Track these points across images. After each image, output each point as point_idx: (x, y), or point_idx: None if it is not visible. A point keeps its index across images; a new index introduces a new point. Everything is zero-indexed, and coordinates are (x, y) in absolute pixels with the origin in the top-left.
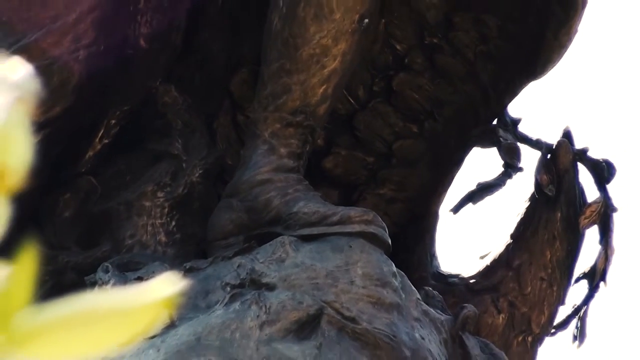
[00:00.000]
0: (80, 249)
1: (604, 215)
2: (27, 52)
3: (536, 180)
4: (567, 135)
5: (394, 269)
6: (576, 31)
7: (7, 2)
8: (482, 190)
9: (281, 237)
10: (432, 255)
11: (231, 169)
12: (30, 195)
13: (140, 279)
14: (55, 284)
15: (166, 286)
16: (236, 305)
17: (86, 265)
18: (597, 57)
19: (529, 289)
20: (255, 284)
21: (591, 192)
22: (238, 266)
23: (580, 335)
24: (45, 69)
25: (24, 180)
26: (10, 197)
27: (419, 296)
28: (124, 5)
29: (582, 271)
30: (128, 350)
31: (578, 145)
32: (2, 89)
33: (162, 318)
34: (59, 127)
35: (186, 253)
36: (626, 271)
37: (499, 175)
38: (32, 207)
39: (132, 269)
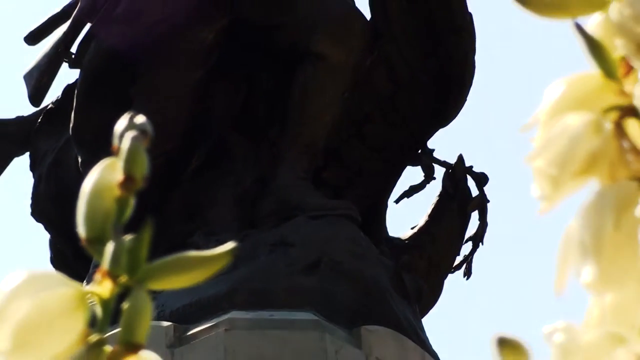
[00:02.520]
0: (182, 224)
1: (481, 204)
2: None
3: (443, 184)
4: (460, 158)
5: (362, 235)
6: (466, 99)
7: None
8: (412, 190)
9: (298, 217)
10: (384, 227)
11: (269, 179)
12: (151, 193)
13: (217, 241)
14: (169, 246)
15: (231, 244)
16: (272, 256)
17: (187, 233)
18: (479, 107)
19: (439, 246)
20: (283, 244)
21: (474, 191)
22: (273, 234)
23: (467, 273)
24: (160, 127)
25: (143, 184)
26: (134, 194)
27: (376, 250)
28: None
29: (469, 236)
30: (208, 280)
31: (467, 163)
32: (130, 130)
33: (228, 262)
34: (170, 155)
35: (244, 226)
36: (492, 235)
37: (422, 181)
38: (152, 200)
39: (213, 235)
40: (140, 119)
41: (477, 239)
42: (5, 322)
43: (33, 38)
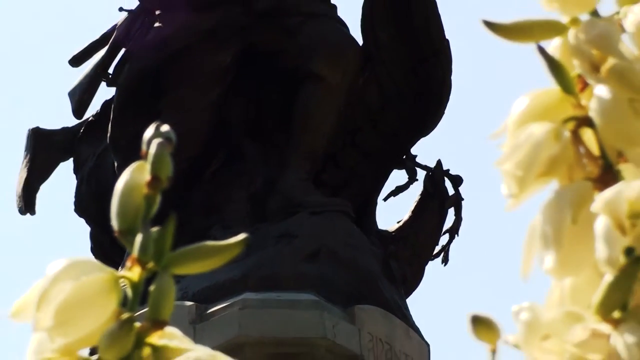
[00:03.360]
0: (202, 219)
1: (457, 202)
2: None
3: (424, 185)
4: (439, 163)
5: (356, 228)
6: (444, 112)
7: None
8: (398, 190)
9: (301, 212)
10: (374, 221)
11: (278, 181)
12: (175, 192)
13: (232, 233)
14: (191, 238)
15: (243, 235)
16: (279, 245)
17: (207, 227)
18: (457, 116)
19: (421, 238)
20: (289, 236)
21: (451, 191)
22: (280, 227)
23: (445, 260)
24: (184, 135)
25: (167, 183)
26: (160, 192)
27: (368, 241)
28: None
29: (446, 229)
30: (224, 266)
31: (445, 167)
32: (156, 138)
33: (240, 251)
34: (194, 161)
35: (255, 220)
36: (466, 228)
37: (406, 182)
38: (176, 198)
39: (228, 228)
40: (165, 128)
41: (453, 231)
42: (48, 303)
43: (76, 61)
